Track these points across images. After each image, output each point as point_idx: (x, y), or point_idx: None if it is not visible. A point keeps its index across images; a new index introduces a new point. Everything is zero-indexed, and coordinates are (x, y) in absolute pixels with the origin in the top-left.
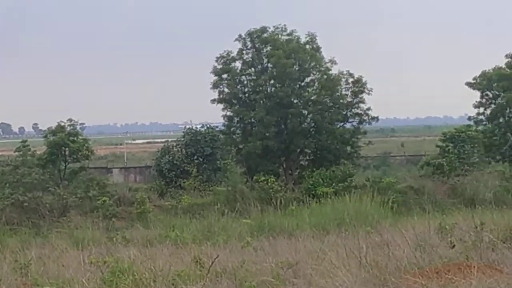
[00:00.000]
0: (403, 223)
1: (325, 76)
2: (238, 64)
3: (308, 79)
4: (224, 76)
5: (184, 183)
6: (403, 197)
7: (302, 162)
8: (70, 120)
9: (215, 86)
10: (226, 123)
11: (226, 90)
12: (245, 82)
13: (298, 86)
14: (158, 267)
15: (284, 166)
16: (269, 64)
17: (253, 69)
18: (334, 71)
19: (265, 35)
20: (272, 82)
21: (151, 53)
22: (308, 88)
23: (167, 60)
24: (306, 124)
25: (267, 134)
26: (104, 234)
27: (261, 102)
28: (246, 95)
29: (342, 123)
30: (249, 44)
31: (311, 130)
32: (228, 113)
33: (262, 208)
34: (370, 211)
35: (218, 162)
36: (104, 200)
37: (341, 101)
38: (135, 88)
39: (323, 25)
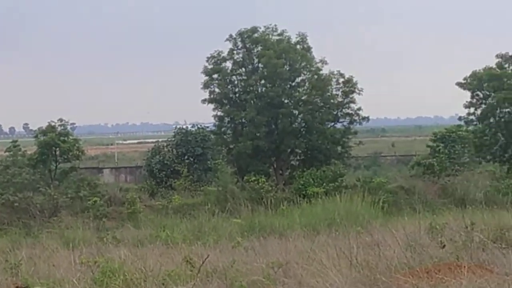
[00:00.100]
0: (394, 223)
1: (315, 76)
2: (228, 64)
3: (298, 79)
4: (215, 76)
5: (174, 183)
6: (393, 197)
7: (292, 162)
8: (61, 120)
9: (206, 86)
10: (217, 123)
11: (217, 90)
12: (235, 82)
13: (289, 86)
14: (149, 267)
15: (275, 166)
16: (259, 64)
17: (243, 69)
18: (325, 71)
19: (255, 35)
20: (262, 82)
21: (143, 53)
22: (298, 88)
23: (159, 61)
24: (296, 124)
25: (258, 134)
26: (95, 234)
27: (251, 102)
28: (237, 95)
29: (333, 123)
30: (239, 44)
31: (302, 130)
32: (219, 113)
33: (252, 208)
34: (361, 211)
35: (209, 162)
36: (95, 200)
37: (331, 101)
38: (126, 88)
39: (314, 25)
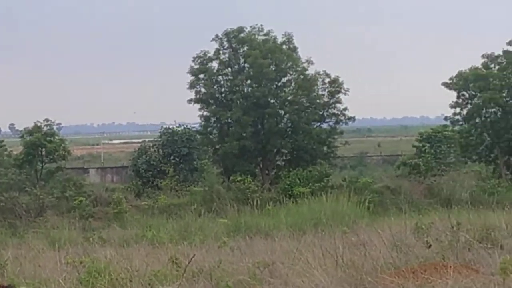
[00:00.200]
0: (380, 223)
1: (301, 76)
2: (215, 64)
3: (284, 79)
4: (201, 76)
5: (160, 183)
6: (379, 197)
7: (278, 162)
8: (47, 120)
9: (192, 86)
10: (203, 123)
11: (203, 90)
12: (221, 82)
13: (275, 86)
14: (135, 267)
15: (261, 166)
16: (245, 64)
17: (229, 69)
18: (311, 71)
19: (241, 35)
20: (248, 82)
21: (129, 54)
22: (284, 88)
23: (145, 61)
24: (282, 124)
25: (244, 134)
26: (81, 234)
27: (237, 102)
28: (223, 95)
29: (319, 123)
30: (226, 44)
31: (288, 130)
32: (205, 113)
33: (238, 208)
34: (347, 211)
35: (195, 162)
36: (81, 200)
37: (317, 101)
38: (112, 88)
39: (301, 24)
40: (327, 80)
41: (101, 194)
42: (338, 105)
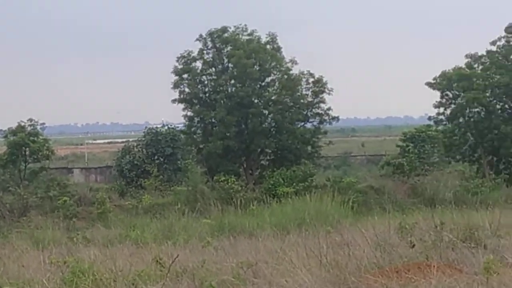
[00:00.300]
0: (364, 222)
1: (285, 76)
2: (198, 64)
3: (268, 79)
4: (185, 76)
5: (144, 183)
6: (363, 196)
7: (262, 162)
8: (31, 120)
9: (176, 86)
10: (187, 123)
11: (187, 90)
12: (205, 82)
13: (259, 86)
14: (119, 267)
15: (245, 166)
16: (229, 64)
17: (213, 69)
18: (295, 71)
19: (225, 35)
20: (232, 82)
21: (113, 53)
22: (268, 88)
23: (129, 61)
24: (266, 124)
25: (228, 134)
26: (65, 234)
27: (221, 102)
28: (207, 95)
29: (303, 123)
30: (209, 44)
31: (272, 130)
32: (189, 113)
33: (222, 208)
34: (331, 210)
35: (179, 162)
36: (65, 200)
37: (301, 101)
38: (96, 88)
39: (284, 24)
40: (311, 80)
41: (85, 194)
42: (322, 105)
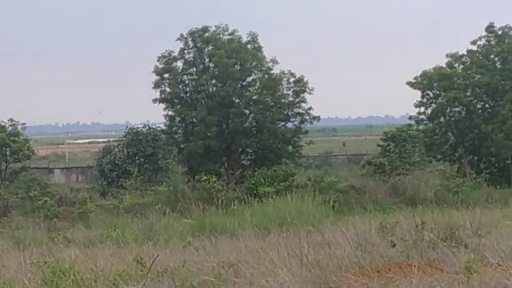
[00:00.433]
0: (344, 222)
1: (266, 76)
2: (179, 64)
3: (249, 79)
4: (166, 75)
5: (125, 183)
6: (344, 196)
7: (243, 162)
8: (11, 120)
9: (157, 85)
10: (168, 122)
11: (168, 89)
12: (186, 82)
13: (240, 85)
14: (99, 267)
15: (226, 165)
16: (210, 64)
17: (194, 68)
18: (276, 70)
19: (206, 34)
20: (213, 81)
21: (94, 53)
22: (249, 88)
23: (110, 60)
24: (247, 123)
25: (209, 134)
26: (46, 234)
27: (202, 101)
28: (188, 94)
29: (284, 123)
30: (190, 43)
31: (253, 129)
32: (170, 112)
33: (203, 208)
34: (312, 210)
35: (160, 162)
36: (46, 200)
37: (282, 100)
38: (77, 88)
39: (266, 22)
40: (292, 79)
41: (66, 194)
42: (303, 104)
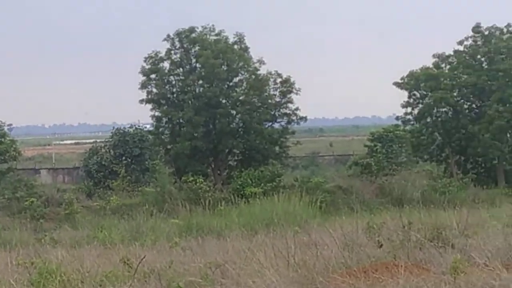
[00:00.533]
0: (331, 222)
1: (253, 76)
2: (166, 64)
3: (236, 79)
4: (153, 76)
5: (112, 183)
6: (331, 196)
7: (230, 162)
8: None
9: (144, 86)
10: (155, 123)
11: (155, 90)
12: (173, 82)
13: (227, 86)
14: (86, 268)
15: (213, 166)
16: (197, 64)
17: (181, 69)
18: (263, 71)
19: (193, 35)
20: (200, 82)
21: (81, 53)
22: (236, 88)
23: (97, 60)
24: (234, 124)
25: (196, 135)
26: (32, 235)
27: (189, 102)
28: (175, 95)
29: (271, 123)
30: (177, 44)
31: (240, 130)
32: (157, 113)
33: (190, 208)
34: (299, 211)
35: (147, 163)
36: (32, 201)
37: (269, 101)
38: (63, 88)
39: (253, 24)
40: (278, 80)
41: (52, 195)
42: (289, 105)
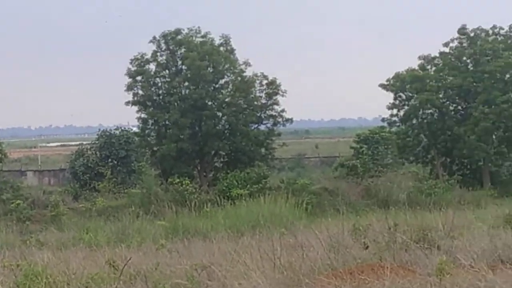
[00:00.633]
0: (317, 224)
1: (239, 78)
2: (152, 66)
3: (222, 81)
4: (139, 78)
5: (98, 185)
6: (317, 198)
7: (216, 164)
8: None
9: (130, 88)
10: (141, 125)
11: (140, 92)
12: (159, 84)
13: (213, 88)
14: (72, 270)
15: (199, 168)
16: (183, 66)
17: (167, 71)
18: (248, 73)
19: (179, 37)
20: (186, 84)
21: (66, 55)
22: (222, 90)
23: (82, 62)
24: (220, 126)
25: (182, 136)
26: (18, 237)
27: (175, 104)
28: (161, 97)
29: (257, 125)
30: (163, 46)
31: (226, 132)
32: (143, 115)
33: (176, 210)
34: (285, 212)
35: (133, 165)
36: (18, 203)
37: (255, 103)
38: (49, 90)
39: (237, 25)
40: (264, 81)
41: (38, 196)
42: (275, 106)
